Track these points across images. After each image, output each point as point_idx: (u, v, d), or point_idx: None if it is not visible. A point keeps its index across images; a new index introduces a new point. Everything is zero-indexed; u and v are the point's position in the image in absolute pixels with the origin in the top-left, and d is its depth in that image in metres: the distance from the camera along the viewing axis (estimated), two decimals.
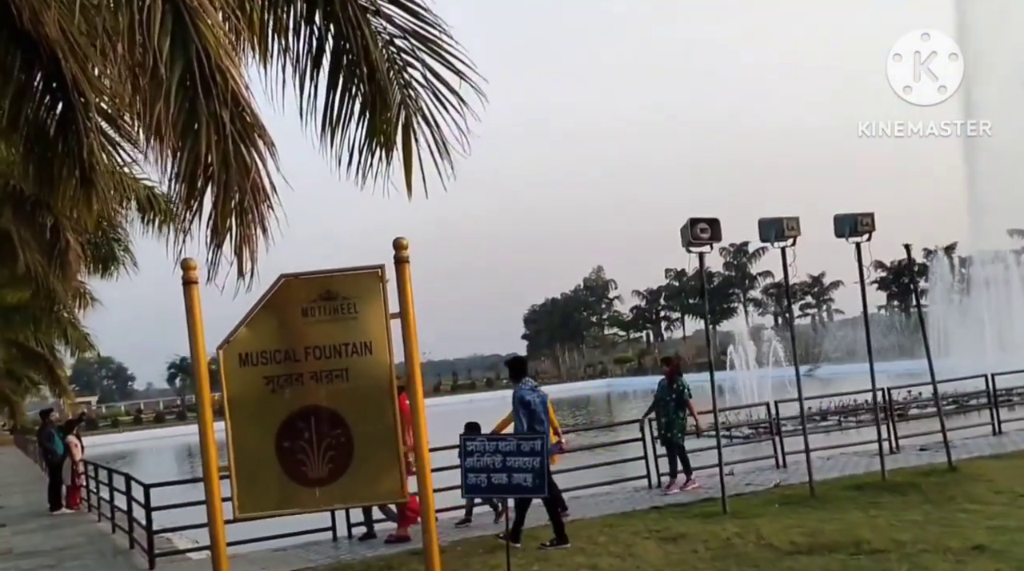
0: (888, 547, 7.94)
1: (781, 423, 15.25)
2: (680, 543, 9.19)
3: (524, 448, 6.37)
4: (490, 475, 6.44)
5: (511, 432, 9.65)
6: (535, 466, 6.35)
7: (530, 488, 6.43)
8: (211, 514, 5.92)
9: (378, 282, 6.07)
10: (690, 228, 11.00)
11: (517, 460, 6.36)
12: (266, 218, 5.90)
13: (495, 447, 6.38)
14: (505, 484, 6.44)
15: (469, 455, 6.44)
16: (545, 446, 6.33)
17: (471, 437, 6.68)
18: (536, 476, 6.36)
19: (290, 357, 6.03)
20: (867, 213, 11.71)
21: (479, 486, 6.51)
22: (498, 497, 7.11)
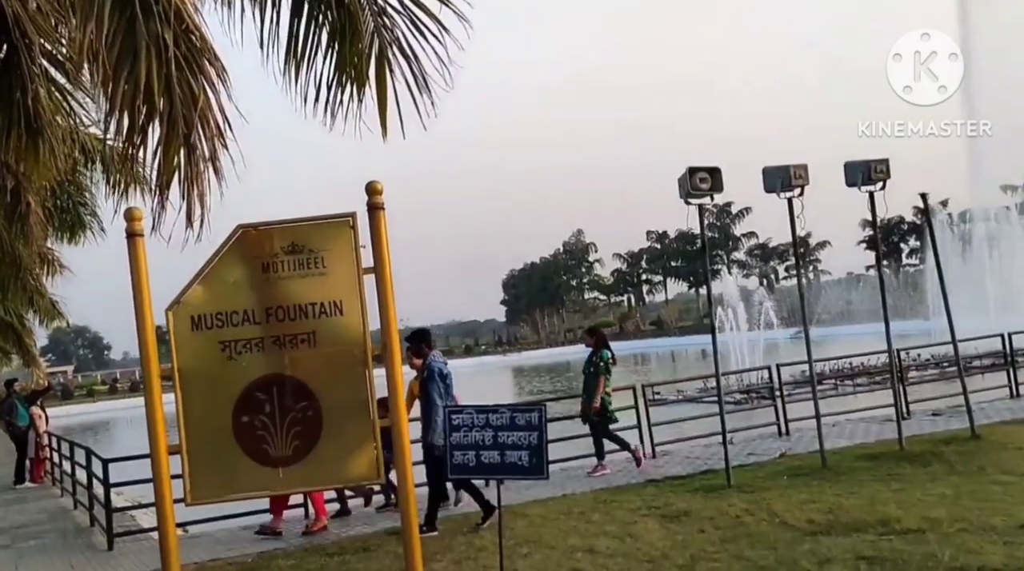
0: (921, 526, 7.21)
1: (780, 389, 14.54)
2: (684, 521, 8.47)
3: (519, 421, 5.52)
4: (479, 453, 5.59)
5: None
6: (532, 442, 5.51)
7: (527, 468, 5.58)
8: (159, 500, 5.11)
9: (349, 232, 5.21)
10: (689, 178, 10.19)
11: (511, 435, 5.52)
12: (218, 156, 5.05)
13: (485, 420, 5.53)
14: (497, 464, 5.59)
15: (455, 430, 5.59)
16: (543, 420, 5.50)
17: (458, 409, 5.81)
18: (533, 454, 5.52)
19: (249, 319, 5.18)
20: (881, 159, 10.92)
21: (467, 465, 5.65)
22: (486, 478, 6.32)
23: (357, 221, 5.20)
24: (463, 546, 8.41)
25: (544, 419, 5.51)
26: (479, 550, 8.20)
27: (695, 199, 10.31)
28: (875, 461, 10.47)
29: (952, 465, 9.74)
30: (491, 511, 8.89)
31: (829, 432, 13.72)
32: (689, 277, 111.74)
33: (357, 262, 5.18)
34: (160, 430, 5.06)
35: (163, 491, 5.12)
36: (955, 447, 10.72)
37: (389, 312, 5.15)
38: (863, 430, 13.39)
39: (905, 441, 11.09)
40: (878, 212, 11.02)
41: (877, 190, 10.99)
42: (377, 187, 5.20)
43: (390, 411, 5.16)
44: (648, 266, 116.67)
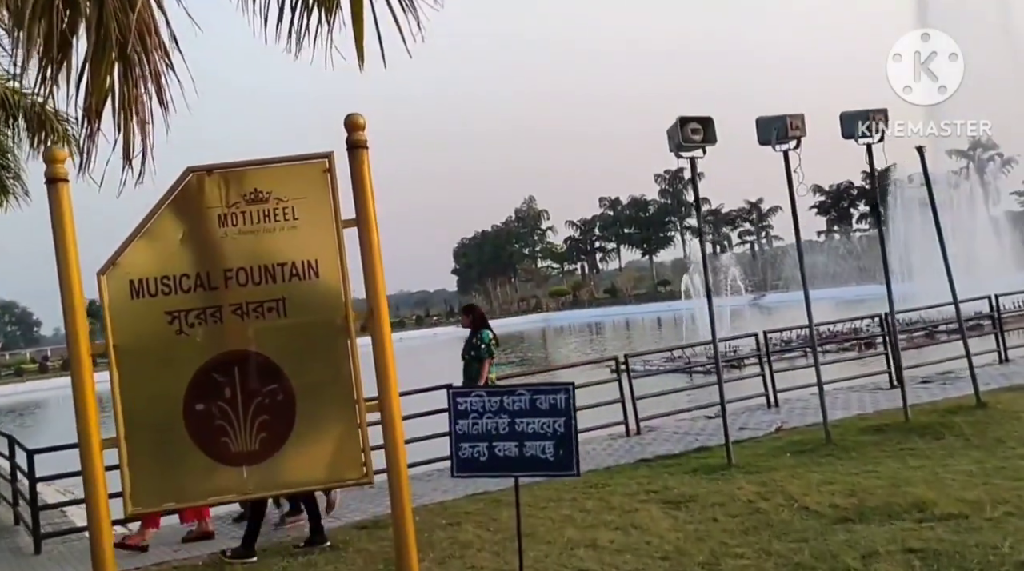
0: (962, 510, 6.47)
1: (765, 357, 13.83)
2: (690, 508, 7.65)
3: (542, 405, 4.57)
4: (492, 445, 4.62)
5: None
6: (558, 431, 4.57)
7: (551, 462, 4.64)
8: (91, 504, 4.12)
9: (325, 177, 4.25)
10: (679, 129, 9.30)
11: (532, 423, 4.57)
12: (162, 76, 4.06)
13: (499, 405, 4.57)
14: (515, 458, 4.62)
15: (461, 416, 4.61)
16: (572, 403, 4.56)
17: (463, 391, 4.83)
18: (560, 445, 4.58)
19: (203, 284, 4.22)
20: (879, 109, 10.15)
21: (477, 460, 4.66)
22: (501, 475, 5.32)
23: (334, 163, 4.24)
24: (445, 542, 7.51)
25: (573, 402, 4.58)
26: (464, 546, 7.32)
27: (686, 152, 9.44)
28: (882, 434, 9.78)
29: (967, 438, 9.08)
30: (320, 540, 7.67)
31: None
32: (642, 244, 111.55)
33: (335, 212, 4.24)
34: (91, 421, 4.09)
35: (96, 491, 4.15)
36: (963, 417, 10.07)
37: (375, 272, 4.21)
38: (857, 400, 12.74)
39: (910, 412, 10.42)
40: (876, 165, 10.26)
41: (875, 141, 10.23)
42: (358, 121, 4.23)
43: (379, 392, 4.23)
44: (601, 233, 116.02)
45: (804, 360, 19.63)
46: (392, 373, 4.21)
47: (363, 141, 4.20)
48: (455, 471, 4.90)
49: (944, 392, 12.56)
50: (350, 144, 4.20)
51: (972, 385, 12.56)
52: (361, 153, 4.20)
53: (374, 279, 4.20)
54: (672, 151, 9.39)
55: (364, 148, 4.21)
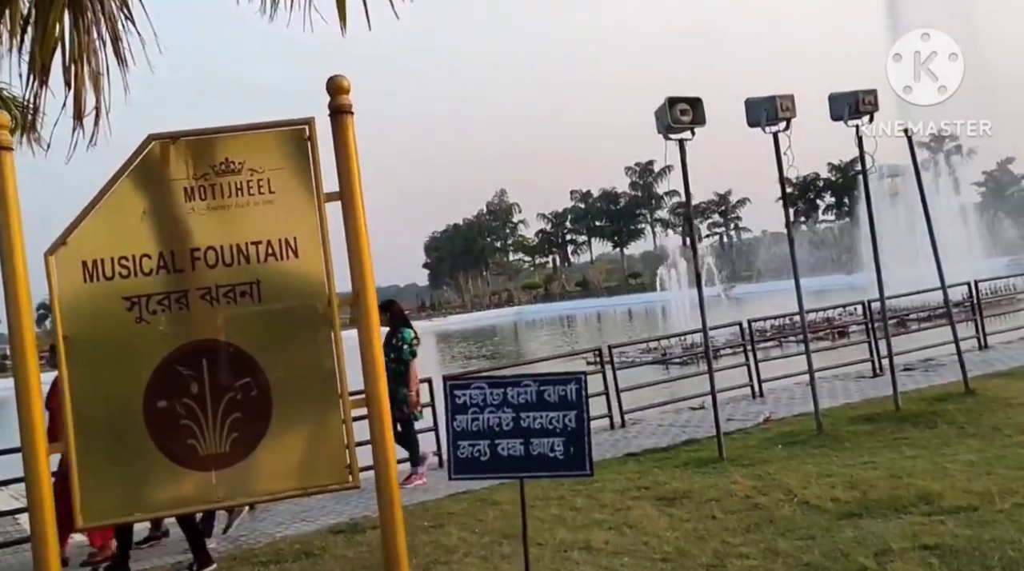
0: (971, 502, 6.19)
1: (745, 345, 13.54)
2: (686, 505, 7.30)
3: (550, 397, 4.12)
4: (495, 443, 4.17)
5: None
6: (569, 426, 4.13)
7: (562, 461, 4.20)
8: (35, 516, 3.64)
9: (305, 145, 3.79)
10: (668, 110, 8.94)
11: (539, 417, 4.12)
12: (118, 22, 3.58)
13: (502, 397, 4.12)
14: (521, 457, 4.17)
15: (459, 411, 4.15)
16: (584, 394, 4.13)
17: (462, 382, 4.37)
18: (571, 442, 4.15)
19: (167, 265, 3.75)
20: (869, 90, 9.88)
21: (477, 460, 4.20)
22: (505, 477, 4.73)
23: (315, 130, 3.79)
24: (429, 546, 7.08)
25: (586, 393, 4.16)
26: (449, 551, 6.90)
27: (675, 134, 9.07)
28: (874, 424, 9.52)
29: (961, 426, 8.84)
30: (205, 562, 7.08)
31: (806, 392, 12.84)
32: (614, 237, 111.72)
33: (316, 185, 3.78)
34: (36, 422, 3.61)
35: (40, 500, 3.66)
36: (953, 405, 9.85)
37: (362, 252, 3.77)
38: (842, 388, 12.51)
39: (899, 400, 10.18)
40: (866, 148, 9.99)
41: (865, 124, 9.95)
42: (342, 83, 3.78)
43: (366, 386, 3.79)
44: (573, 226, 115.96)
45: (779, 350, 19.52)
46: (380, 365, 3.77)
47: (348, 105, 3.75)
48: (452, 473, 4.44)
49: (928, 380, 12.37)
50: (333, 109, 3.75)
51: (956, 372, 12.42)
52: (345, 119, 3.75)
53: (360, 260, 3.75)
54: (660, 133, 9.02)
55: (349, 114, 3.75)
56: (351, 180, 3.74)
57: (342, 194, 3.76)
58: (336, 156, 3.76)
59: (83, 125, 3.64)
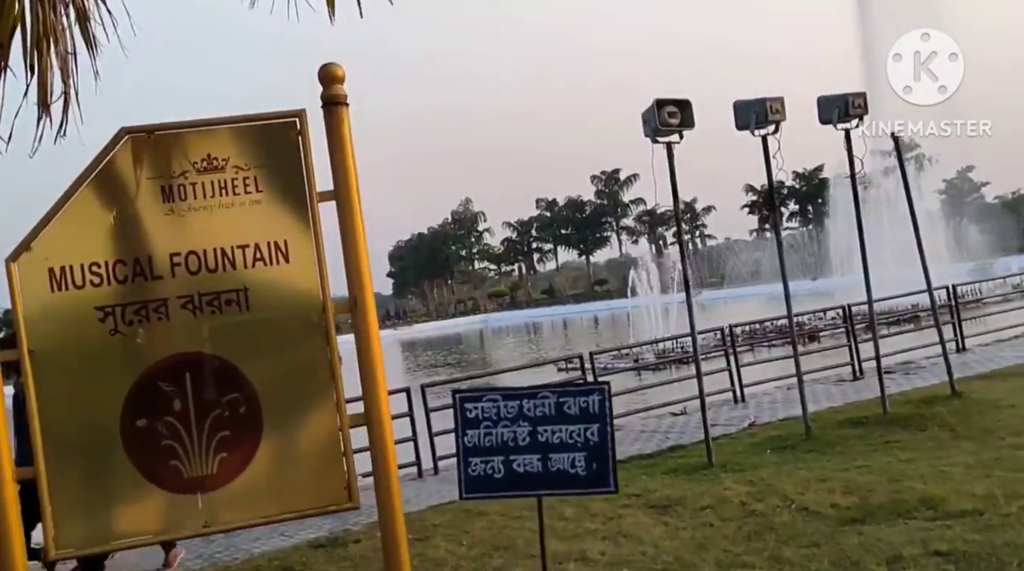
0: (975, 506, 6.04)
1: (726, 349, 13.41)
2: (680, 513, 7.09)
3: (570, 409, 3.82)
4: (510, 459, 3.86)
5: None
6: (592, 440, 3.84)
7: (583, 478, 3.90)
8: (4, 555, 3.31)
9: (296, 140, 3.51)
10: (656, 112, 8.75)
11: (559, 431, 3.83)
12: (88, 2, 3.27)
13: (517, 410, 3.81)
14: (538, 474, 3.87)
15: (470, 425, 3.85)
16: (608, 404, 3.84)
17: (474, 394, 4.04)
18: (594, 456, 3.85)
19: (143, 272, 3.44)
20: (859, 92, 9.79)
21: (491, 478, 3.90)
22: (522, 495, 4.24)
23: (307, 123, 3.50)
24: (415, 560, 6.69)
25: (610, 403, 3.89)
26: (437, 565, 6.63)
27: (663, 136, 8.88)
28: (863, 427, 9.39)
29: (952, 428, 8.74)
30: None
31: (788, 396, 12.75)
32: (579, 245, 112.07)
33: (309, 183, 3.50)
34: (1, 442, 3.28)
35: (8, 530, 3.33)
36: (941, 407, 9.76)
37: (359, 255, 3.49)
38: (824, 392, 12.40)
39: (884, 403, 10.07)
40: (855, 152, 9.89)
41: (854, 127, 9.85)
42: (337, 72, 3.50)
43: (365, 397, 3.51)
44: (538, 234, 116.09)
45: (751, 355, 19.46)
46: (381, 377, 3.49)
47: (342, 96, 3.47)
48: (464, 492, 4.14)
49: (910, 382, 12.32)
50: (326, 100, 3.47)
51: (937, 375, 12.40)
52: (340, 110, 3.47)
53: (357, 263, 3.47)
54: (648, 136, 8.83)
55: (344, 105, 3.47)
56: (347, 177, 3.46)
57: (337, 193, 3.48)
58: (330, 151, 3.48)
59: (50, 113, 3.31)
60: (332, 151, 3.46)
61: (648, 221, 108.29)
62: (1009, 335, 16.02)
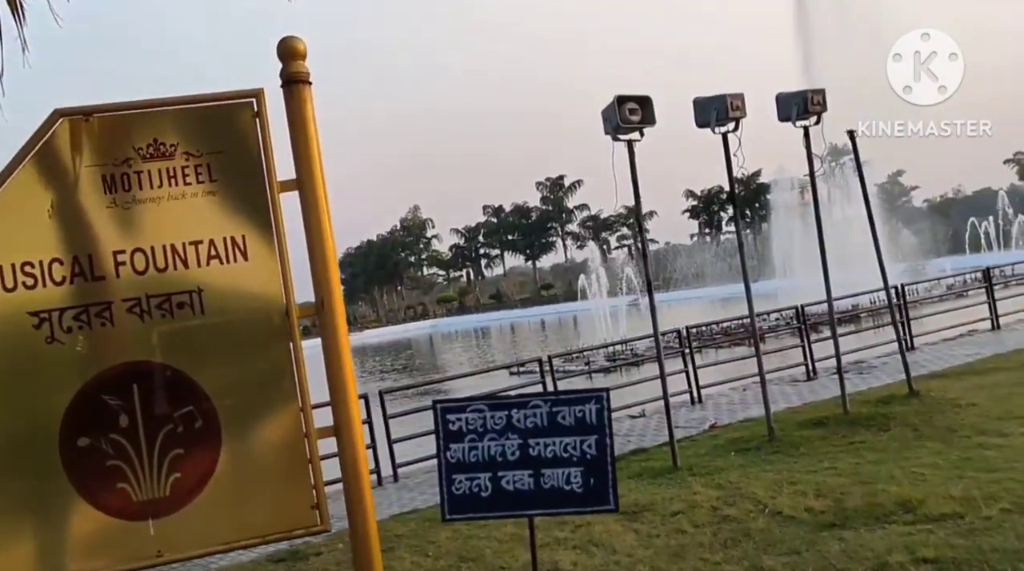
0: (955, 509, 5.92)
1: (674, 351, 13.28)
2: (651, 520, 6.88)
3: (565, 419, 3.44)
4: (498, 476, 3.48)
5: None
6: (589, 453, 3.49)
7: (580, 495, 3.55)
8: None
9: (253, 123, 3.17)
10: (617, 109, 8.56)
11: (552, 443, 3.48)
12: None
13: (505, 421, 3.44)
14: (529, 492, 3.49)
15: (454, 439, 3.46)
16: (608, 414, 3.51)
17: (457, 404, 3.66)
18: (593, 471, 3.50)
19: (83, 272, 3.07)
20: (817, 89, 9.72)
21: (477, 496, 3.52)
22: (511, 516, 4.17)
23: (265, 104, 3.17)
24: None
25: (609, 413, 3.57)
26: None
27: (624, 134, 8.68)
28: (824, 428, 9.30)
29: (916, 428, 8.68)
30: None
31: (745, 397, 12.68)
32: (526, 250, 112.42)
33: (268, 171, 3.16)
34: None
35: None
36: (901, 407, 9.73)
37: (326, 251, 3.16)
38: (780, 393, 12.34)
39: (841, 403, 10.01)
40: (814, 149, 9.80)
41: (812, 124, 9.77)
42: (298, 47, 3.17)
43: (334, 405, 3.19)
44: (486, 240, 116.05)
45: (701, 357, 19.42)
46: (350, 383, 3.16)
47: (304, 73, 3.14)
48: (448, 513, 3.77)
49: (865, 382, 12.33)
50: (286, 78, 3.13)
51: (890, 374, 12.46)
52: (302, 90, 3.14)
53: (323, 260, 3.14)
54: (608, 134, 8.63)
55: (306, 83, 3.14)
56: (311, 165, 3.13)
57: (300, 182, 3.15)
58: (292, 136, 3.14)
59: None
60: (294, 135, 3.14)
61: (592, 226, 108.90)
62: (955, 333, 16.19)
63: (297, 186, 3.15)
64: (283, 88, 3.14)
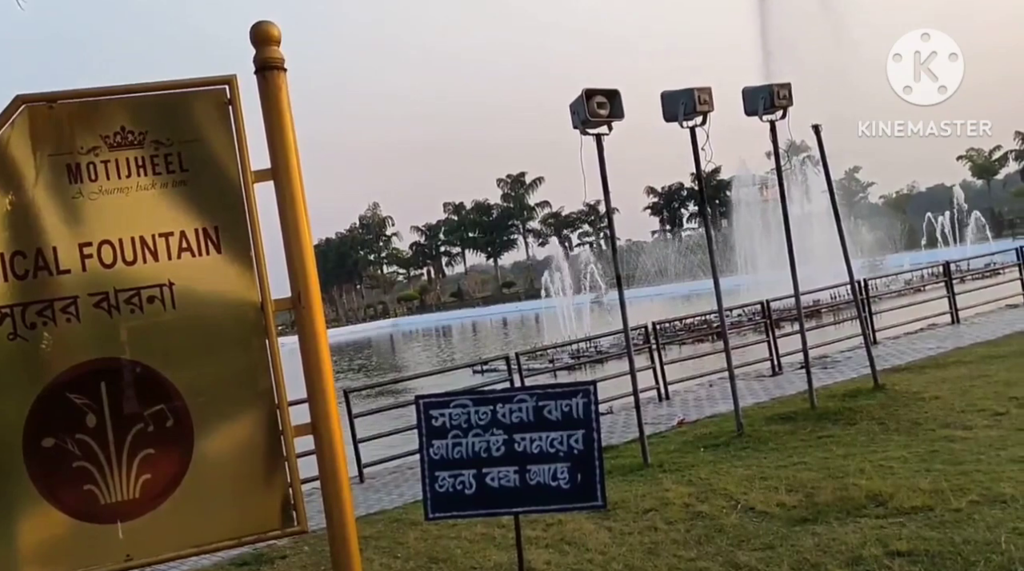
0: (924, 502, 5.96)
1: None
2: (624, 517, 6.85)
3: (552, 414, 3.36)
4: (482, 472, 3.38)
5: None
6: (576, 448, 3.41)
7: (567, 491, 3.46)
8: None
9: (226, 110, 3.06)
10: (585, 103, 8.51)
11: (538, 438, 3.39)
12: None
13: (490, 416, 3.34)
14: (515, 488, 3.40)
15: (436, 435, 3.37)
16: (595, 408, 3.42)
17: (440, 399, 3.54)
18: (580, 467, 3.42)
19: (47, 266, 2.94)
20: (783, 83, 9.76)
21: (461, 494, 3.43)
22: (497, 514, 4.07)
23: (238, 91, 3.06)
24: None
25: (596, 407, 3.49)
26: None
27: (592, 128, 8.64)
28: (792, 423, 9.35)
29: (882, 422, 8.76)
30: None
31: (711, 393, 12.73)
32: (487, 248, 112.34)
33: (242, 161, 3.05)
34: None
35: None
36: (867, 401, 9.80)
37: (302, 242, 3.06)
38: (747, 388, 12.39)
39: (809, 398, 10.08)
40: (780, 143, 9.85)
41: (778, 119, 9.81)
42: (272, 32, 3.06)
43: (311, 402, 3.09)
44: (446, 238, 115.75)
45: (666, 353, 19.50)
46: (328, 379, 3.07)
47: (279, 59, 3.03)
48: (431, 511, 3.67)
49: (831, 376, 12.42)
50: (260, 64, 3.02)
51: (854, 368, 12.59)
52: (276, 76, 3.03)
53: (300, 252, 3.04)
54: (576, 127, 8.59)
55: (281, 69, 3.04)
56: (286, 153, 3.03)
57: (275, 171, 3.04)
58: (266, 123, 3.04)
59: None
60: (268, 123, 3.03)
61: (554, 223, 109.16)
62: (916, 328, 16.41)
63: (272, 176, 3.05)
64: (257, 75, 3.03)
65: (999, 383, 9.75)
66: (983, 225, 52.17)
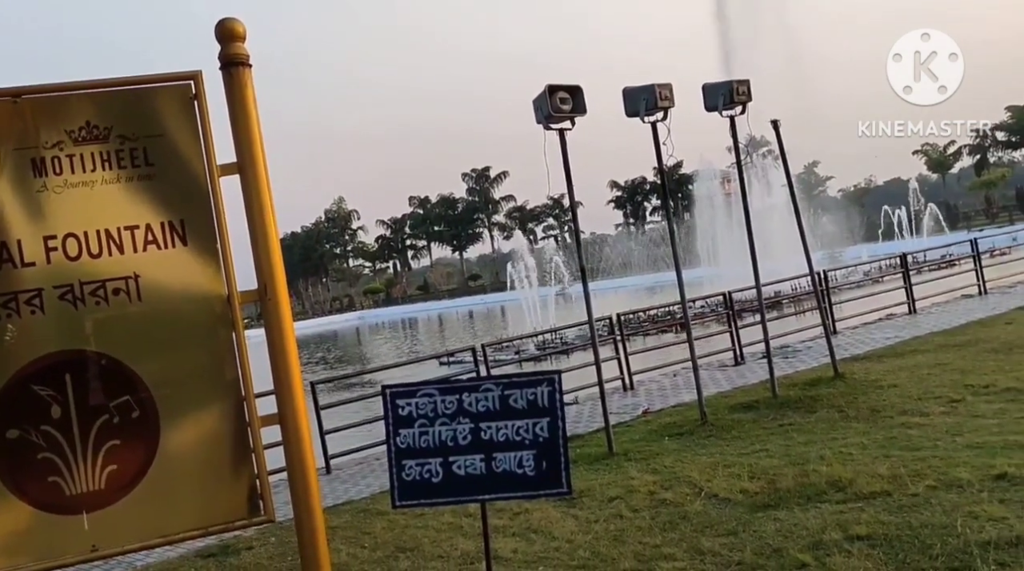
0: (883, 487, 6.11)
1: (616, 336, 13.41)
2: (589, 505, 6.94)
3: (517, 402, 3.41)
4: (449, 461, 3.43)
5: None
6: (541, 436, 3.47)
7: (533, 479, 3.51)
8: None
9: (191, 105, 3.07)
10: (548, 98, 8.57)
11: (504, 427, 3.45)
12: None
13: (456, 405, 3.40)
14: (481, 476, 3.46)
15: (403, 424, 3.41)
16: (559, 396, 3.47)
17: (407, 388, 3.61)
18: (545, 454, 3.47)
19: (11, 259, 2.94)
20: (743, 80, 9.89)
21: (427, 483, 3.47)
22: (464, 502, 4.12)
23: (204, 86, 3.07)
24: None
25: (561, 395, 3.55)
26: (340, 570, 6.22)
27: (555, 123, 8.70)
28: (754, 411, 9.50)
29: (841, 409, 8.92)
30: None
31: (675, 383, 12.88)
32: (452, 241, 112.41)
33: (207, 155, 3.07)
34: None
35: None
36: (826, 389, 9.98)
37: (268, 235, 3.09)
38: (710, 378, 12.53)
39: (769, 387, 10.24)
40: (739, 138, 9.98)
41: (737, 114, 9.94)
42: (236, 29, 3.08)
43: (278, 398, 3.12)
44: (412, 232, 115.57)
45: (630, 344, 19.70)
46: (295, 371, 3.10)
47: (244, 56, 3.05)
48: (397, 500, 3.72)
49: (792, 366, 12.61)
50: (226, 60, 3.04)
51: (814, 358, 12.80)
52: (242, 72, 3.05)
53: (266, 245, 3.07)
54: (540, 123, 8.64)
55: (246, 65, 3.06)
56: (252, 148, 3.05)
57: (241, 165, 3.06)
58: (231, 119, 3.06)
59: None
60: (234, 118, 3.05)
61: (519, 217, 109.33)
62: (874, 318, 16.71)
63: (238, 170, 3.06)
64: (222, 71, 3.05)
65: (955, 371, 9.98)
66: (938, 218, 53.11)
